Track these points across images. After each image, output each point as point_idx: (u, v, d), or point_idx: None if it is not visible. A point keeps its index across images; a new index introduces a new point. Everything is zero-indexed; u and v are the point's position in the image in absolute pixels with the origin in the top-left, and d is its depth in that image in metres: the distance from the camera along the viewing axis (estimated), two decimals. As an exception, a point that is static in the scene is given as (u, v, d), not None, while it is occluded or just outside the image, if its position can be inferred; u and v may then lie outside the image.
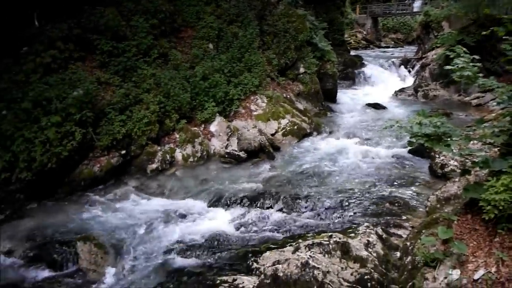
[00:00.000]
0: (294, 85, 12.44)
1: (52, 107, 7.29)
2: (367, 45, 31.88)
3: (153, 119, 8.48)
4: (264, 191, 7.30)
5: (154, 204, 7.18)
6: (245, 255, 5.23)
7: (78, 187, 7.55)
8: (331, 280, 4.23)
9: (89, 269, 5.29)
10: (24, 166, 6.83)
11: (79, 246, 5.47)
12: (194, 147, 8.86)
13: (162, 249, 5.83)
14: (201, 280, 4.86)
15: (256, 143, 9.04)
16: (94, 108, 7.89)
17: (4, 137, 6.84)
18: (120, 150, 8.08)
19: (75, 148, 7.39)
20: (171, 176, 8.26)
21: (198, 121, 9.48)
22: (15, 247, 5.94)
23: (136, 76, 9.00)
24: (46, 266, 5.46)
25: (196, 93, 9.57)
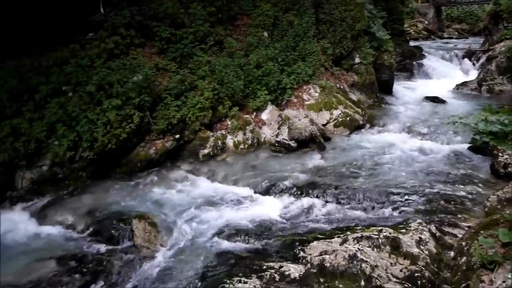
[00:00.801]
0: (348, 76, 12.16)
1: (113, 91, 7.68)
2: (428, 35, 30.33)
3: (206, 105, 8.68)
4: (313, 182, 7.25)
5: (204, 188, 7.38)
6: (292, 244, 5.26)
7: (135, 168, 7.93)
8: (379, 275, 4.16)
9: (143, 246, 5.56)
10: (87, 146, 7.27)
11: (134, 224, 5.76)
12: (245, 134, 8.97)
13: (210, 231, 5.99)
14: (248, 264, 4.96)
15: (307, 133, 8.98)
16: (152, 93, 8.21)
17: (70, 117, 7.31)
18: (175, 134, 8.36)
19: (133, 131, 7.75)
20: (222, 162, 8.43)
21: (250, 108, 9.57)
22: (77, 221, 6.36)
23: (192, 63, 9.23)
24: (104, 240, 5.80)
25: (249, 81, 9.64)
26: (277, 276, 4.58)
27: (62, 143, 7.11)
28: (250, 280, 4.49)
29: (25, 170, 7.23)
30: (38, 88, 7.46)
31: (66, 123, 7.28)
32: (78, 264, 5.23)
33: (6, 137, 6.97)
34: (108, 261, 5.24)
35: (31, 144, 7.10)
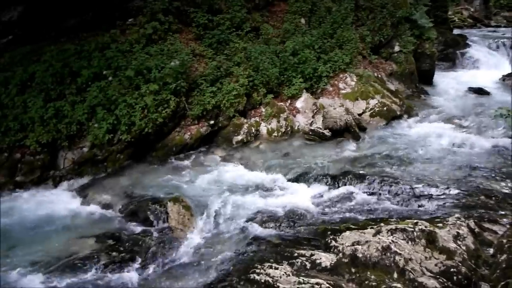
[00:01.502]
0: (387, 64, 11.81)
1: (151, 76, 7.83)
2: (473, 23, 28.85)
3: (241, 92, 8.70)
4: (347, 171, 7.16)
5: (237, 174, 7.44)
6: (324, 232, 5.23)
7: (170, 152, 8.09)
8: (412, 268, 4.08)
9: (177, 228, 5.70)
10: (125, 129, 7.47)
11: (169, 206, 5.91)
12: (279, 122, 8.94)
13: (243, 217, 6.06)
14: (279, 251, 4.99)
15: (342, 122, 8.83)
16: (188, 78, 8.31)
17: (110, 101, 7.53)
18: (209, 120, 8.45)
19: (169, 116, 7.89)
20: (255, 149, 8.47)
21: (284, 96, 9.51)
22: (114, 202, 6.59)
23: (228, 49, 9.26)
24: (140, 221, 5.99)
25: (285, 68, 9.56)
26: (308, 263, 4.59)
27: (101, 126, 7.36)
28: (281, 266, 4.52)
29: (67, 151, 7.54)
30: (80, 72, 7.71)
31: (105, 107, 7.51)
32: (116, 242, 5.44)
33: (50, 118, 7.28)
34: (144, 241, 5.41)
35: (73, 126, 7.39)
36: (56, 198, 6.79)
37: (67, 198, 6.77)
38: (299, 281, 4.25)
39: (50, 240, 5.56)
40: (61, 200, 6.72)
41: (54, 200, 6.70)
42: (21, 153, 7.36)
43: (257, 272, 4.46)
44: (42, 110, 7.30)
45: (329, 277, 4.35)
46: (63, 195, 6.90)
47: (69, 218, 6.21)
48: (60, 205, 6.53)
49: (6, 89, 7.51)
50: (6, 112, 7.40)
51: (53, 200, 6.70)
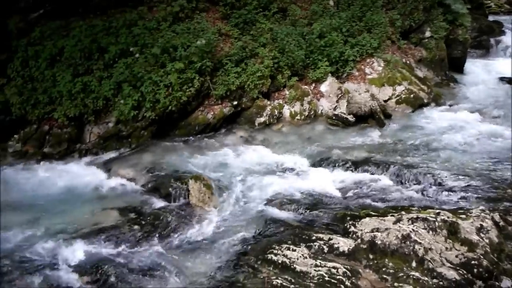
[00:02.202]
0: (416, 50, 11.48)
1: (177, 54, 7.85)
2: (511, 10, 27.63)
3: (266, 73, 8.63)
4: (369, 158, 7.09)
5: (258, 156, 7.45)
6: (343, 218, 5.22)
7: (192, 131, 8.16)
8: (432, 258, 4.05)
9: (197, 206, 5.80)
10: (150, 106, 7.56)
11: (190, 184, 5.99)
12: (303, 105, 8.87)
13: (262, 198, 6.10)
14: (297, 233, 5.02)
15: (367, 108, 8.70)
16: (213, 58, 8.30)
17: (135, 78, 7.60)
18: (233, 100, 8.45)
19: (193, 94, 7.93)
20: (277, 132, 8.45)
21: (309, 79, 9.39)
22: (137, 177, 6.73)
23: (254, 29, 9.18)
24: (162, 196, 6.11)
25: (311, 51, 9.41)
26: (325, 247, 4.61)
27: (127, 102, 7.46)
28: (298, 249, 4.56)
29: (93, 126, 7.71)
30: (108, 48, 7.79)
31: (131, 83, 7.59)
32: (137, 216, 5.58)
33: (78, 93, 7.42)
34: (165, 216, 5.53)
35: (99, 101, 7.52)
36: (82, 170, 6.97)
37: (92, 171, 6.93)
38: (316, 264, 4.29)
39: (76, 211, 5.74)
40: (86, 173, 6.89)
41: (79, 173, 6.88)
42: (49, 125, 7.57)
43: (275, 253, 4.53)
44: (70, 84, 7.44)
45: (346, 262, 4.37)
46: (88, 168, 7.07)
47: (93, 190, 6.38)
48: (85, 177, 6.70)
49: (36, 63, 7.67)
50: (36, 85, 7.58)
51: (78, 173, 6.88)
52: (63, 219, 5.51)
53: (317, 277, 4.09)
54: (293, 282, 4.05)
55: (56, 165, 7.14)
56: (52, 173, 6.84)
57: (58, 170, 6.92)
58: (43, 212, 5.69)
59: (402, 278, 3.95)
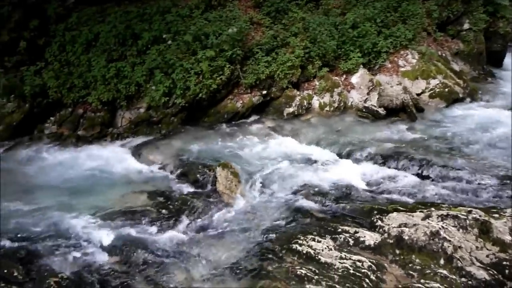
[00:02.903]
0: (453, 43, 11.10)
1: (208, 42, 7.89)
2: (556, 2, 26.18)
3: (296, 63, 8.56)
4: (399, 152, 6.94)
5: (286, 146, 7.44)
6: (370, 211, 5.17)
7: (221, 119, 8.23)
8: (461, 256, 3.97)
9: (224, 193, 5.86)
10: (180, 93, 7.66)
11: (218, 171, 6.05)
12: (332, 96, 8.76)
13: (288, 188, 6.10)
14: (322, 225, 5.01)
15: (399, 101, 8.51)
16: (244, 46, 8.30)
17: (167, 65, 7.71)
18: (262, 90, 8.45)
19: (223, 83, 7.98)
20: (306, 122, 8.40)
21: (340, 70, 9.25)
22: (166, 162, 6.85)
23: (286, 18, 9.10)
24: (190, 182, 6.21)
25: (343, 41, 9.25)
26: (351, 240, 4.58)
27: (158, 89, 7.58)
28: (323, 240, 4.55)
29: (125, 111, 7.90)
30: (141, 35, 7.92)
31: (163, 70, 7.70)
32: (166, 200, 5.70)
33: (111, 78, 7.60)
34: (192, 202, 5.62)
35: (131, 87, 7.68)
36: (113, 154, 7.16)
37: (123, 155, 7.12)
38: (341, 256, 4.27)
39: (107, 193, 5.92)
40: (117, 156, 7.08)
41: (111, 156, 7.08)
42: (83, 109, 7.81)
43: (300, 243, 4.53)
44: (104, 69, 7.62)
45: (372, 255, 4.34)
46: (119, 151, 7.26)
47: (124, 173, 6.55)
48: (116, 161, 6.90)
49: (73, 48, 7.89)
50: (72, 69, 7.81)
51: (110, 156, 7.07)
52: (95, 201, 5.69)
53: (341, 269, 4.08)
54: (317, 273, 4.05)
55: (89, 147, 7.36)
56: (85, 155, 7.07)
57: (91, 153, 7.14)
58: (76, 193, 5.90)
59: (429, 275, 3.88)
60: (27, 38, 7.69)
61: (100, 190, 5.99)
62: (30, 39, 7.75)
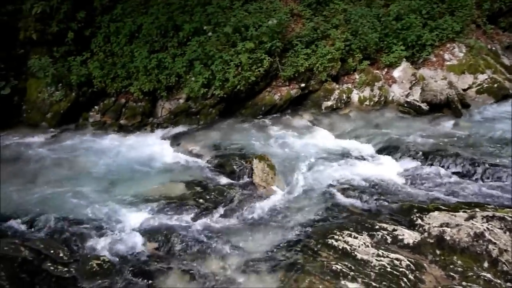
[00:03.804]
0: (504, 36, 10.47)
1: (248, 34, 7.89)
2: None
3: (336, 56, 8.40)
4: (442, 150, 6.68)
5: (323, 140, 7.36)
6: (409, 209, 5.02)
7: (258, 111, 8.23)
8: (507, 260, 3.78)
9: (260, 185, 5.87)
10: (219, 85, 7.72)
11: (254, 163, 6.07)
12: (373, 90, 8.55)
13: (325, 183, 6.03)
14: (359, 221, 4.92)
15: (443, 96, 8.17)
16: (283, 38, 8.24)
17: (207, 56, 7.78)
18: (301, 83, 8.37)
19: (261, 75, 7.97)
20: (344, 116, 8.25)
21: (381, 64, 8.99)
22: (203, 152, 6.95)
23: (327, 10, 8.95)
24: (226, 174, 6.27)
25: (386, 34, 8.98)
26: (389, 238, 4.47)
27: (198, 80, 7.67)
28: (360, 236, 4.47)
29: (165, 101, 8.06)
30: (182, 26, 8.02)
31: (203, 61, 7.79)
32: (203, 190, 5.79)
33: (153, 69, 7.77)
34: (228, 193, 5.68)
35: (172, 77, 7.82)
36: (152, 143, 7.35)
37: (162, 144, 7.28)
38: (378, 253, 4.19)
39: (146, 180, 6.09)
40: (157, 145, 7.26)
41: (150, 145, 7.27)
42: (125, 99, 8.05)
43: (335, 238, 4.48)
44: (146, 60, 7.80)
45: (410, 254, 4.22)
46: (159, 141, 7.44)
47: (162, 162, 6.71)
48: (156, 149, 7.07)
49: (117, 39, 8.12)
50: (115, 60, 8.05)
51: (149, 145, 7.27)
52: (134, 187, 5.87)
53: (378, 267, 4.00)
54: (353, 269, 4.00)
55: (130, 136, 7.59)
56: (126, 143, 7.30)
57: (132, 141, 7.37)
58: (117, 180, 6.12)
59: (471, 277, 3.73)
60: (74, 29, 7.98)
61: (140, 178, 6.17)
62: (77, 30, 8.04)
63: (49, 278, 4.02)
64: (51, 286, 3.94)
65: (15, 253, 4.23)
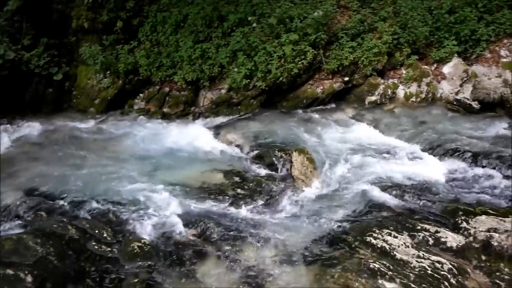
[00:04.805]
0: None
1: (292, 25, 7.82)
2: None
3: (383, 50, 8.15)
4: (493, 151, 6.32)
5: (365, 135, 7.19)
6: (454, 212, 4.80)
7: (300, 104, 8.17)
8: (560, 271, 3.54)
9: (299, 178, 5.83)
10: (261, 76, 7.72)
11: (294, 156, 6.03)
12: (420, 86, 8.24)
13: (365, 179, 5.88)
14: (400, 220, 4.77)
15: (497, 95, 7.76)
16: (329, 31, 8.11)
17: (250, 47, 7.79)
18: (344, 76, 8.20)
19: (304, 67, 7.88)
20: (388, 112, 8.02)
21: (431, 59, 8.63)
22: (243, 143, 6.98)
23: (375, 2, 8.72)
24: (265, 165, 6.26)
25: (437, 27, 8.60)
26: (431, 239, 4.32)
27: (240, 71, 7.71)
28: (400, 236, 4.34)
29: (207, 91, 8.17)
30: (227, 17, 8.07)
31: (246, 52, 7.81)
32: (241, 181, 5.81)
33: (197, 59, 7.88)
34: (266, 184, 5.67)
35: (215, 68, 7.90)
36: (194, 131, 7.47)
37: (203, 133, 7.38)
38: (419, 255, 4.05)
39: (186, 168, 6.20)
40: (198, 134, 7.36)
41: (191, 133, 7.39)
42: (169, 87, 8.23)
43: (374, 236, 4.38)
44: (190, 50, 7.92)
45: (453, 258, 4.06)
46: (200, 130, 7.54)
47: (203, 151, 6.80)
48: (197, 138, 7.17)
49: (163, 28, 8.30)
50: (161, 49, 8.24)
51: (190, 133, 7.39)
52: (175, 174, 5.99)
53: (418, 269, 3.87)
54: (391, 269, 3.89)
55: (172, 124, 7.76)
56: (168, 131, 7.47)
57: (174, 129, 7.53)
58: (159, 165, 6.26)
59: (519, 287, 3.54)
60: (123, 18, 8.23)
61: (181, 165, 6.29)
62: (126, 19, 8.28)
63: (93, 257, 4.20)
64: (95, 265, 4.11)
65: (62, 231, 4.44)
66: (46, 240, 4.24)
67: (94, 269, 4.07)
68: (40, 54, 7.81)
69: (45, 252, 4.09)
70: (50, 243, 4.21)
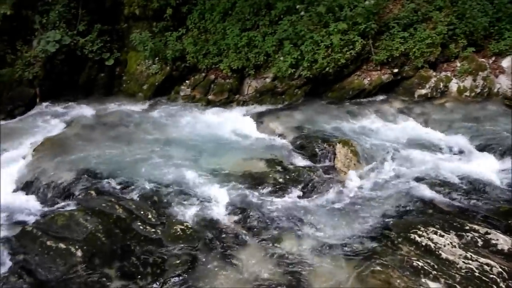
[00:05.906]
0: None
1: (341, 14, 7.63)
2: None
3: (437, 41, 7.78)
4: (555, 152, 5.93)
5: (413, 129, 6.98)
6: (507, 213, 4.58)
7: (345, 95, 7.99)
8: None
9: (342, 170, 5.74)
10: (307, 66, 7.62)
11: (337, 148, 5.94)
12: (475, 81, 7.80)
13: (411, 174, 5.72)
14: (447, 219, 4.59)
15: (561, 91, 7.20)
16: (379, 20, 7.85)
17: (297, 36, 7.69)
18: (393, 68, 7.92)
19: (352, 58, 7.69)
20: (439, 107, 7.70)
21: (489, 52, 8.14)
22: (286, 132, 6.96)
23: (431, -10, 8.27)
24: (307, 155, 6.22)
25: (498, 18, 8.08)
26: (480, 241, 4.13)
27: (286, 60, 7.64)
28: (447, 235, 4.18)
29: (252, 79, 8.17)
30: (275, 5, 8.01)
31: (292, 41, 7.72)
32: (283, 170, 5.79)
33: (243, 47, 7.89)
34: (308, 175, 5.62)
35: (260, 56, 7.88)
36: (237, 119, 7.53)
37: (246, 121, 7.42)
38: (466, 256, 3.89)
39: (229, 155, 6.27)
40: (241, 122, 7.42)
41: (235, 121, 7.46)
42: (215, 75, 8.30)
43: (419, 234, 4.25)
44: (237, 38, 7.94)
45: (503, 261, 3.86)
46: (244, 118, 7.59)
47: (245, 139, 6.85)
48: (240, 126, 7.24)
49: (211, 16, 8.37)
50: (208, 37, 8.32)
51: (235, 121, 7.46)
52: (218, 161, 6.07)
53: (464, 270, 3.72)
54: (436, 268, 3.76)
55: (217, 111, 7.85)
56: (213, 118, 7.59)
57: (219, 116, 7.63)
58: (202, 151, 6.37)
59: None
60: (173, 6, 8.38)
61: (223, 152, 6.36)
62: (175, 7, 8.42)
63: (138, 237, 4.37)
64: (140, 244, 4.28)
65: (111, 210, 4.66)
66: (96, 218, 4.46)
67: (139, 248, 4.23)
68: (94, 40, 8.12)
69: (94, 229, 4.30)
70: (99, 221, 4.42)
